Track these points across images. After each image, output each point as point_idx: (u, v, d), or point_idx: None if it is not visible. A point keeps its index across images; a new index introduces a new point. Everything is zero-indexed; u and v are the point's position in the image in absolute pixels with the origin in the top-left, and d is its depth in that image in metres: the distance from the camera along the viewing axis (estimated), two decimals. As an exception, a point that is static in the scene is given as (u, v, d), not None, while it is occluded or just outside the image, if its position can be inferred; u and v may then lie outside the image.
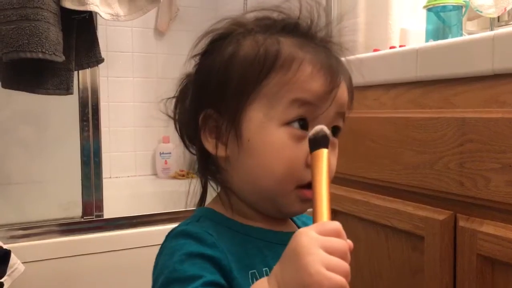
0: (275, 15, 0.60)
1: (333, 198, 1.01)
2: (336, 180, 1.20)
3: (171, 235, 0.57)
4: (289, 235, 0.60)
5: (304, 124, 0.55)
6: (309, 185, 0.54)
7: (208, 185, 0.64)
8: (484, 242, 0.83)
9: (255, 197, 0.58)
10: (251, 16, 0.61)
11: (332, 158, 0.57)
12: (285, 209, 0.58)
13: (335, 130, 0.59)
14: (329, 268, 0.42)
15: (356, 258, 1.15)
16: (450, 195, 0.90)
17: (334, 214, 1.20)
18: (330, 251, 0.43)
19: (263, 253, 0.56)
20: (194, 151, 0.63)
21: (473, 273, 0.84)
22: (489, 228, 0.82)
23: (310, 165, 0.51)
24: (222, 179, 0.61)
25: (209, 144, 0.58)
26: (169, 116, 0.64)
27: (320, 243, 0.43)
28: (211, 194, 0.64)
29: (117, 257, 1.53)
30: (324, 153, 0.51)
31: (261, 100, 0.55)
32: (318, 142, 0.52)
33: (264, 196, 0.57)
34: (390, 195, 1.05)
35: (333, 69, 0.56)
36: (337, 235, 0.45)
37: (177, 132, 0.65)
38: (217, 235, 0.55)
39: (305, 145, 0.54)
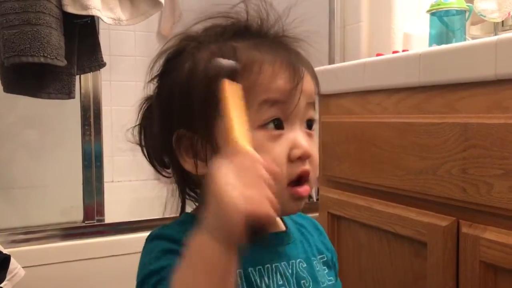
0: (223, 21, 0.59)
1: (335, 203, 1.02)
2: (338, 185, 1.20)
3: (149, 238, 0.58)
4: (271, 235, 0.60)
5: (279, 123, 0.55)
6: (300, 182, 0.55)
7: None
8: (487, 249, 0.82)
9: None
10: (199, 27, 0.60)
11: (313, 146, 0.58)
12: (279, 210, 0.57)
13: (310, 122, 0.59)
14: (249, 195, 0.41)
15: (358, 264, 1.14)
16: (453, 201, 0.89)
17: (336, 219, 1.20)
18: (243, 176, 0.43)
19: (247, 255, 0.56)
20: (166, 174, 0.63)
21: (476, 280, 0.84)
22: (492, 234, 0.82)
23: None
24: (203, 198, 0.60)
25: (188, 164, 0.57)
26: (138, 144, 0.64)
27: (235, 173, 0.43)
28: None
29: (118, 262, 1.52)
30: (225, 84, 0.49)
31: None
32: (218, 75, 0.52)
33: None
34: (392, 201, 1.04)
35: (293, 63, 0.56)
36: (248, 161, 0.44)
37: (146, 158, 0.64)
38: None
39: (283, 142, 0.54)
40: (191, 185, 0.62)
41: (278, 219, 0.63)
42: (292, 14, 0.61)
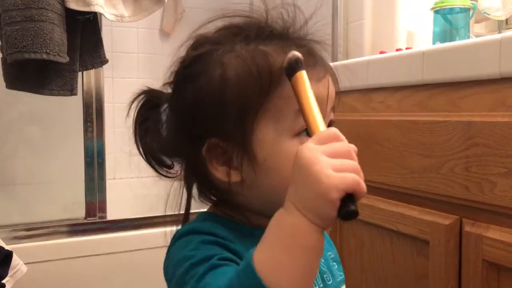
0: (239, 21, 0.58)
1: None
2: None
3: (178, 234, 0.56)
4: None
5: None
6: None
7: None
8: (489, 248, 0.81)
9: (273, 210, 0.57)
10: (212, 27, 0.58)
11: None
12: None
13: (330, 124, 0.60)
14: (338, 170, 0.42)
15: (360, 262, 1.14)
16: (456, 200, 0.89)
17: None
18: (334, 155, 0.43)
19: None
20: (165, 173, 0.63)
21: (479, 279, 0.83)
22: (495, 233, 0.81)
23: (293, 92, 0.50)
24: (232, 202, 0.59)
25: (219, 173, 0.56)
26: (137, 149, 0.62)
27: (322, 150, 0.43)
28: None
29: (120, 258, 1.52)
30: (302, 74, 0.50)
31: (266, 116, 0.53)
32: (293, 68, 0.50)
33: None
34: (395, 199, 1.04)
35: (323, 68, 0.56)
36: (336, 139, 0.44)
37: (143, 157, 0.62)
38: (226, 230, 0.54)
39: None
40: (211, 189, 0.60)
41: None
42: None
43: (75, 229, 1.51)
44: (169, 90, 0.61)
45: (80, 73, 1.47)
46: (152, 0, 1.49)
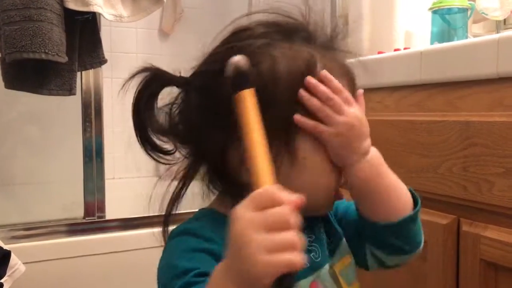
0: (280, 18, 0.57)
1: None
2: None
3: (172, 235, 0.57)
4: None
5: None
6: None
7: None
8: (487, 247, 0.82)
9: None
10: (253, 19, 0.58)
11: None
12: (319, 212, 0.61)
13: None
14: (271, 250, 0.39)
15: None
16: (454, 199, 0.89)
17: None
18: (268, 227, 0.39)
19: None
20: (157, 158, 0.61)
21: (476, 278, 0.84)
22: (493, 233, 0.81)
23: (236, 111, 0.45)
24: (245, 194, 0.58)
25: None
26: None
27: (256, 224, 0.40)
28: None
29: (118, 258, 1.52)
30: (247, 96, 0.45)
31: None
32: (236, 84, 0.46)
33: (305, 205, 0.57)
34: (393, 198, 1.04)
35: (355, 82, 0.59)
36: (272, 202, 0.40)
37: (140, 141, 0.61)
38: (215, 231, 0.54)
39: None
40: (223, 178, 0.59)
41: None
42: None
43: (74, 228, 1.51)
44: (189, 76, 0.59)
45: (78, 73, 1.47)
46: (151, 0, 1.49)
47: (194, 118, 0.57)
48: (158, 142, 0.61)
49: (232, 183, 0.57)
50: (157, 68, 0.60)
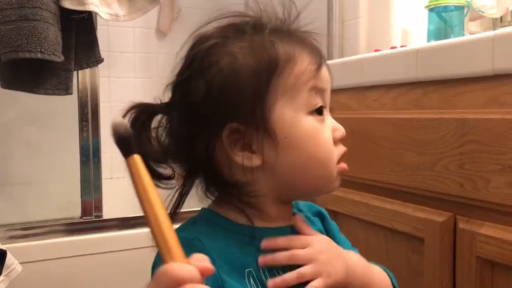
0: (236, 20, 0.59)
1: (333, 199, 1.01)
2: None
3: (192, 220, 0.58)
4: (286, 229, 0.60)
5: (321, 110, 0.58)
6: (340, 159, 0.59)
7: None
8: (483, 244, 0.82)
9: (291, 191, 0.60)
10: (211, 28, 0.59)
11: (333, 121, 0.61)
12: (326, 188, 0.61)
13: (331, 110, 0.62)
14: None
15: (355, 260, 1.14)
16: (450, 197, 0.89)
17: (334, 215, 1.20)
18: None
19: (260, 252, 0.56)
20: (161, 185, 0.61)
21: (473, 276, 0.84)
22: (489, 230, 0.81)
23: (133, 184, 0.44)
24: (242, 192, 0.58)
25: (241, 158, 0.56)
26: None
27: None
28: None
29: (116, 258, 1.52)
30: (136, 160, 0.45)
31: (283, 95, 0.55)
32: (127, 145, 0.46)
33: (307, 185, 0.59)
34: (389, 196, 1.04)
35: (321, 53, 0.59)
36: (173, 283, 0.39)
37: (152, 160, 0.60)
38: (210, 239, 0.55)
39: (328, 126, 0.58)
40: (217, 184, 0.60)
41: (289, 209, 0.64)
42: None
43: (71, 228, 1.51)
44: (169, 94, 0.61)
45: (75, 73, 1.46)
46: (147, -1, 1.49)
47: (179, 132, 0.59)
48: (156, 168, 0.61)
49: (227, 184, 0.58)
50: (141, 103, 0.61)
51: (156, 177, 0.60)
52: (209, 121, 0.56)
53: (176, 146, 0.60)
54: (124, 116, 0.60)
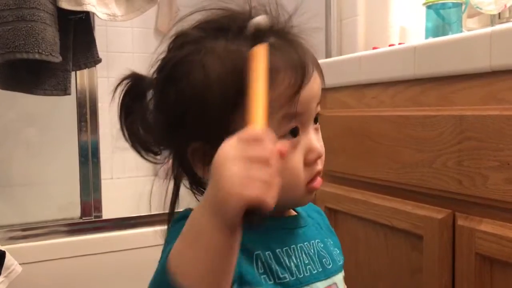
0: (220, 13, 0.57)
1: (332, 197, 1.02)
2: (335, 179, 1.20)
3: (175, 219, 0.57)
4: (288, 219, 0.61)
5: (296, 131, 0.55)
6: (314, 178, 0.57)
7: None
8: (482, 241, 0.82)
9: None
10: (193, 21, 0.58)
11: (321, 142, 0.60)
12: (296, 205, 0.61)
13: (316, 117, 0.59)
14: (246, 178, 0.39)
15: (355, 257, 1.14)
16: (449, 194, 0.89)
17: (333, 213, 1.20)
18: (250, 159, 0.40)
19: (265, 237, 0.57)
20: (150, 159, 0.62)
21: (472, 272, 0.84)
22: (488, 226, 0.81)
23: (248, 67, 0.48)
24: None
25: (204, 173, 0.56)
26: (123, 136, 0.62)
27: (240, 152, 0.41)
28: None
29: (115, 258, 1.52)
30: (262, 49, 0.48)
31: None
32: (254, 38, 0.49)
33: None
34: (388, 194, 1.04)
35: (307, 66, 0.55)
36: (258, 141, 0.41)
37: (134, 149, 0.62)
38: None
39: (300, 149, 0.55)
40: (200, 185, 0.62)
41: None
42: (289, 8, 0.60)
43: (71, 228, 1.51)
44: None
45: (73, 73, 1.46)
46: (145, -1, 1.49)
47: (156, 121, 0.59)
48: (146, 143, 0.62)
49: (201, 184, 0.59)
50: (136, 74, 0.61)
51: (145, 150, 0.62)
52: (177, 131, 0.57)
53: (159, 135, 0.60)
54: (118, 84, 0.61)
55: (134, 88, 0.61)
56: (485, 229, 0.82)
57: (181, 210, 0.61)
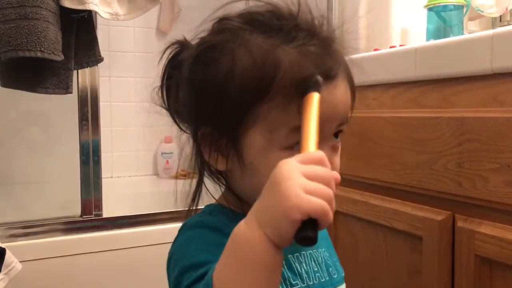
0: (265, 7, 0.56)
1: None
2: (335, 180, 1.20)
3: (186, 226, 0.57)
4: None
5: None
6: None
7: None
8: (482, 243, 0.82)
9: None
10: (238, 10, 0.57)
11: (335, 159, 0.58)
12: None
13: (337, 133, 0.58)
14: (309, 192, 0.40)
15: (355, 258, 1.14)
16: (449, 195, 0.89)
17: (334, 215, 1.20)
18: (311, 178, 0.41)
19: None
20: (186, 131, 0.63)
21: (471, 274, 0.84)
22: (487, 228, 0.82)
23: (301, 108, 0.49)
24: (225, 181, 0.60)
25: (210, 158, 0.56)
26: (163, 107, 0.63)
27: (301, 170, 0.41)
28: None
29: (115, 256, 1.53)
30: (316, 97, 0.49)
31: (261, 122, 0.52)
32: (308, 87, 0.50)
33: None
34: (388, 195, 1.04)
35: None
36: (320, 163, 0.42)
37: (172, 117, 0.63)
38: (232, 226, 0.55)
39: None
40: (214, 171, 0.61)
41: None
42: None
43: (71, 227, 1.51)
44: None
45: (75, 72, 1.47)
46: (147, -2, 1.49)
47: (183, 93, 0.60)
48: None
49: (213, 169, 0.59)
50: (185, 41, 0.62)
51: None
52: (193, 112, 0.58)
53: (182, 103, 0.61)
54: (168, 47, 0.63)
55: (177, 55, 0.62)
56: (485, 231, 0.82)
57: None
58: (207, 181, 0.62)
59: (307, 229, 0.40)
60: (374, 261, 1.08)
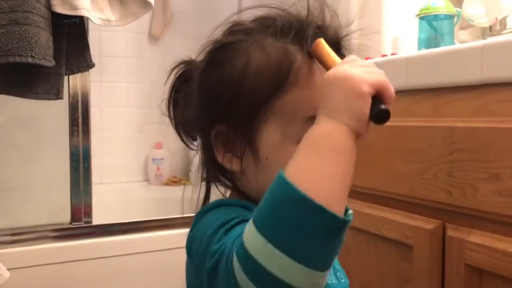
0: (275, 13, 0.58)
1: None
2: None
3: (207, 208, 0.56)
4: None
5: None
6: None
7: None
8: (472, 252, 0.82)
9: None
10: (249, 16, 0.59)
11: None
12: None
13: None
14: (369, 72, 0.46)
15: (345, 266, 1.14)
16: (439, 204, 0.89)
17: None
18: (365, 65, 0.47)
19: None
20: (194, 148, 0.64)
21: (461, 283, 0.84)
22: (477, 237, 0.82)
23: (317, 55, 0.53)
24: (236, 187, 0.60)
25: (223, 158, 0.57)
26: (167, 116, 0.64)
27: (353, 65, 0.46)
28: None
29: (106, 264, 1.51)
30: (321, 40, 0.53)
31: (276, 116, 0.54)
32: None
33: None
34: (379, 203, 1.04)
35: None
36: (361, 61, 0.48)
37: (175, 130, 0.64)
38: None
39: None
40: (220, 173, 0.61)
41: None
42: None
43: (61, 234, 1.50)
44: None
45: (66, 77, 1.46)
46: (139, 4, 1.49)
47: (194, 100, 0.60)
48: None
49: (221, 168, 0.59)
50: (191, 61, 0.63)
51: (186, 133, 0.64)
52: (208, 111, 0.58)
53: (190, 119, 0.62)
54: (175, 67, 0.64)
55: (185, 73, 0.63)
56: (475, 240, 0.82)
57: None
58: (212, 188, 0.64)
59: (378, 105, 0.45)
60: (365, 269, 1.08)
